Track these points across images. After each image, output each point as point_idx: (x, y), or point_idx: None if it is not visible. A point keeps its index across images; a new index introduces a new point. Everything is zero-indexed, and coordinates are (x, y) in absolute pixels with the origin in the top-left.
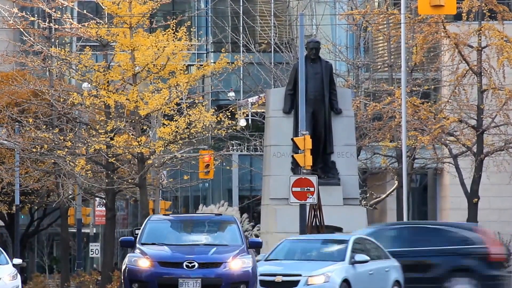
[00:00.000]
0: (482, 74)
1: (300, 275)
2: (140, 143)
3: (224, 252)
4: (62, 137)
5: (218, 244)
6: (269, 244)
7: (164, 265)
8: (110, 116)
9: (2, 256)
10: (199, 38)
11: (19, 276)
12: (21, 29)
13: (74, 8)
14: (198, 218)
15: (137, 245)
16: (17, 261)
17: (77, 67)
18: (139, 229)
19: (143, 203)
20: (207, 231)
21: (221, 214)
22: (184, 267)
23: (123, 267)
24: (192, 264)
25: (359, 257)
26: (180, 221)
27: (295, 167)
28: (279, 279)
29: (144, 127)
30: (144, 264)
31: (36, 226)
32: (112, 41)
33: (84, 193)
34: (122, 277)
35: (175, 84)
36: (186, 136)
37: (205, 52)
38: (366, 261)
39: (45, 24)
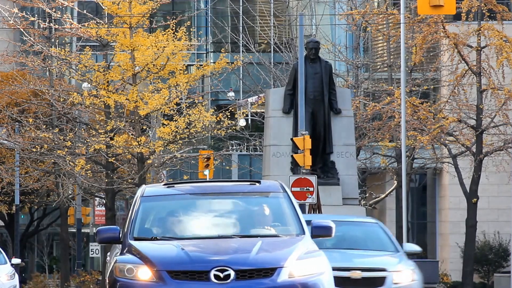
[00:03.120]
0: (482, 74)
1: (384, 270)
2: (139, 143)
3: (277, 248)
4: (62, 137)
5: (262, 234)
6: None
7: (178, 277)
8: (110, 116)
9: (0, 256)
10: (199, 38)
11: (16, 275)
12: (21, 29)
13: (74, 8)
14: (222, 189)
15: (128, 241)
16: (16, 261)
17: (77, 67)
18: None
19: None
20: (240, 211)
21: (258, 181)
22: (212, 278)
23: (108, 278)
24: (226, 272)
25: (409, 247)
26: (192, 195)
27: (295, 167)
28: (357, 274)
29: (144, 127)
30: (144, 275)
31: (36, 226)
32: (112, 41)
33: (84, 193)
34: None
35: (175, 84)
36: (186, 136)
37: (205, 52)
38: (418, 252)
39: (45, 24)
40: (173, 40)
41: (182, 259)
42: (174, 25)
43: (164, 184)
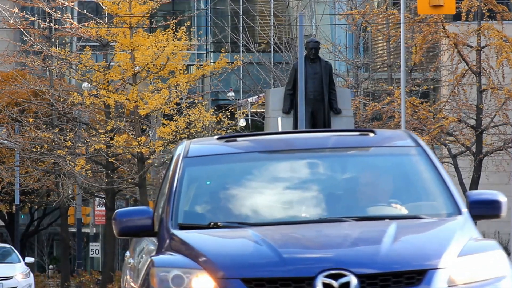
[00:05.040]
0: (481, 74)
1: None
2: (140, 142)
3: (422, 237)
4: (62, 137)
5: (392, 215)
6: None
7: None
8: (110, 116)
9: (14, 255)
10: (199, 38)
11: (31, 274)
12: (21, 29)
13: (74, 8)
14: (318, 144)
15: (170, 231)
16: (29, 259)
17: (77, 67)
18: None
19: (143, 203)
20: (351, 179)
21: (372, 131)
22: None
23: None
24: (343, 279)
25: None
26: (270, 154)
27: None
28: None
29: (144, 127)
30: (203, 286)
31: (36, 225)
32: (112, 41)
33: (84, 192)
34: None
35: (175, 84)
36: (186, 136)
37: (205, 52)
38: None
39: (45, 24)
40: (173, 40)
41: (267, 258)
42: (174, 25)
43: (218, 138)
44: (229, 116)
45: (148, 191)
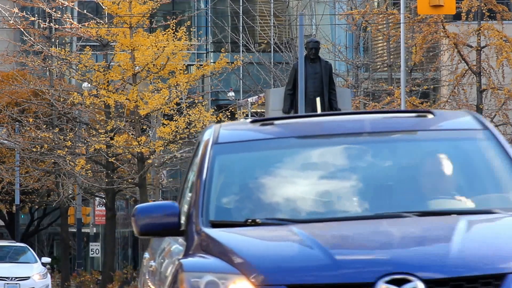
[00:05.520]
0: (481, 74)
1: None
2: (140, 142)
3: (496, 235)
4: (62, 136)
5: (459, 209)
6: None
7: None
8: (110, 116)
9: (29, 254)
10: (199, 38)
11: (49, 275)
12: (22, 29)
13: (74, 8)
14: (368, 127)
15: (201, 229)
16: (46, 259)
17: (77, 67)
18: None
19: (143, 203)
20: (409, 167)
21: (430, 111)
22: None
23: None
24: (408, 285)
25: None
26: (313, 139)
27: None
28: None
29: (144, 127)
30: None
31: (36, 225)
32: (112, 41)
33: (84, 192)
34: None
35: (175, 84)
36: (186, 136)
37: (205, 52)
38: None
39: (45, 24)
40: (173, 40)
41: (316, 261)
42: (174, 25)
43: (252, 121)
44: (229, 116)
45: (148, 191)
